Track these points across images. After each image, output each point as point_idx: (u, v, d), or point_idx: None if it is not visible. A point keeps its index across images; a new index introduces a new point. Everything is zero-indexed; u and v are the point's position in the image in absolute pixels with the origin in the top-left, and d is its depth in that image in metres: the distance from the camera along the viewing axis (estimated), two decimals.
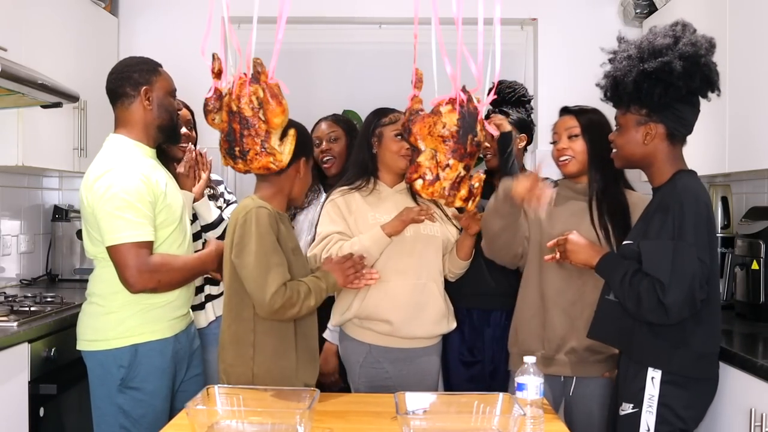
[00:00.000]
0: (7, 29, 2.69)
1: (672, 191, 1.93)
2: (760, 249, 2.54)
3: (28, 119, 2.87)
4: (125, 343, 2.12)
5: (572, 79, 3.70)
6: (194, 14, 3.50)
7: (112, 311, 2.14)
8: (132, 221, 2.04)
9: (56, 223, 3.58)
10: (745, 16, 2.53)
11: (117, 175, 2.07)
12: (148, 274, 2.06)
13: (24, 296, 2.82)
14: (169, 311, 2.19)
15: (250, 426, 1.67)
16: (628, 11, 3.61)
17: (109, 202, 2.05)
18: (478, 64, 1.61)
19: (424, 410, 1.72)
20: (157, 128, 2.23)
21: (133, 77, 2.20)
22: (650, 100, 1.94)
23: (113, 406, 2.13)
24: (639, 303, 1.89)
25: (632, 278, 1.91)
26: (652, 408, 1.91)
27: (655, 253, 1.89)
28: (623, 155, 2.07)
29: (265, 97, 1.81)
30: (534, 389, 1.74)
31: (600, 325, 2.09)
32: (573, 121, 2.35)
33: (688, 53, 1.90)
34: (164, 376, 2.18)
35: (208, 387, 1.77)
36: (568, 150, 2.33)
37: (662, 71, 1.90)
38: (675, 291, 1.83)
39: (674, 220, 1.88)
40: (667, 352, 1.91)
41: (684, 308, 1.85)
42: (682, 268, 1.84)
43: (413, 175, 1.79)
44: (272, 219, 2.01)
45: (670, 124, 1.98)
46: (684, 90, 1.92)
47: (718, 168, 2.69)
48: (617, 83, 1.99)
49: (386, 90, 3.30)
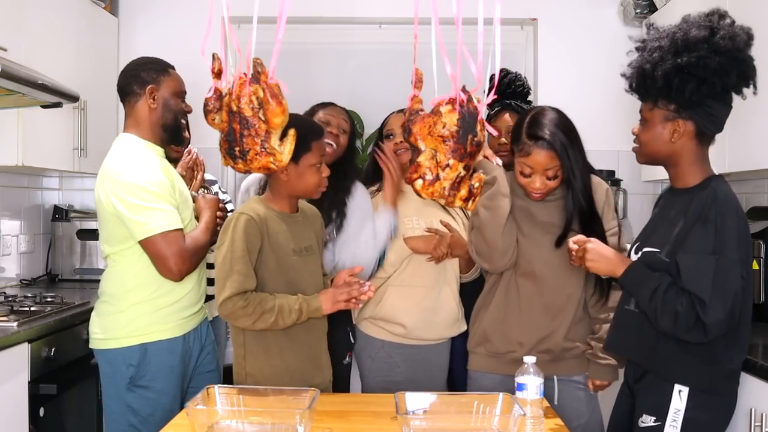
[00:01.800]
0: (7, 29, 2.70)
1: (712, 201, 1.78)
2: (760, 249, 2.54)
3: (28, 119, 2.87)
4: (135, 342, 2.14)
5: (572, 79, 3.71)
6: (194, 14, 3.51)
7: (122, 310, 2.16)
8: (163, 211, 2.08)
9: (56, 223, 3.58)
10: (745, 16, 2.52)
11: (140, 169, 2.10)
12: (189, 258, 2.11)
13: (24, 296, 2.82)
14: (179, 310, 2.21)
15: (250, 426, 1.67)
16: (628, 11, 3.61)
17: (136, 196, 2.07)
18: (478, 64, 1.61)
19: (424, 410, 1.72)
20: (161, 128, 2.24)
21: (140, 76, 2.23)
22: (681, 96, 1.80)
23: (122, 404, 2.15)
24: (676, 321, 1.76)
25: (666, 294, 1.77)
26: (677, 423, 1.80)
27: (695, 268, 1.75)
28: (647, 152, 1.92)
29: (265, 97, 1.81)
30: (534, 389, 1.74)
31: (619, 336, 1.98)
32: (553, 159, 2.10)
33: (726, 48, 1.76)
34: (173, 375, 2.19)
35: (208, 387, 1.77)
36: (544, 188, 2.15)
37: (696, 66, 1.75)
38: (716, 310, 1.71)
39: (716, 233, 1.74)
40: (697, 369, 1.81)
41: (723, 327, 1.74)
42: (724, 286, 1.72)
43: (413, 175, 1.79)
44: (251, 226, 2.01)
45: (700, 122, 1.83)
46: (719, 87, 1.78)
47: (718, 168, 2.67)
48: (645, 76, 1.84)
49: (386, 90, 3.30)
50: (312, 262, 2.15)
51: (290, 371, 2.08)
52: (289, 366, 2.09)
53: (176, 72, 2.31)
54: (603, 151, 3.47)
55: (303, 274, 2.11)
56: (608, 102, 3.55)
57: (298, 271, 2.10)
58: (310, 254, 2.15)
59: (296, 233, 2.12)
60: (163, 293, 2.16)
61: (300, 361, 2.10)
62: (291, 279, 2.09)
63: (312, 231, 2.19)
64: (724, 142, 2.64)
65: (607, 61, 2.13)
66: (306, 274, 2.12)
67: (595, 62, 3.68)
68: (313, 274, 2.15)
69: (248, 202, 2.14)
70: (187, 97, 2.82)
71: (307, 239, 2.15)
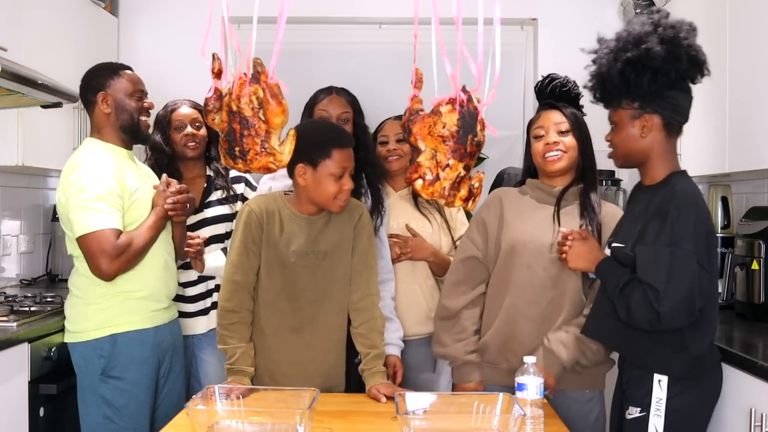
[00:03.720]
0: (7, 29, 2.70)
1: (670, 195, 1.87)
2: (760, 249, 2.54)
3: (28, 119, 2.87)
4: (104, 333, 2.20)
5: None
6: (194, 14, 3.50)
7: (91, 303, 2.21)
8: (100, 212, 2.12)
9: (56, 223, 3.56)
10: (745, 16, 2.53)
11: (86, 170, 2.16)
12: (117, 257, 2.11)
13: (24, 296, 2.82)
14: (148, 303, 2.25)
15: (250, 426, 1.67)
16: (628, 11, 3.61)
17: (79, 195, 2.12)
18: (478, 64, 1.61)
19: (424, 410, 1.72)
20: (120, 130, 2.29)
21: (91, 84, 2.29)
22: (640, 89, 1.88)
23: (96, 396, 2.20)
24: (629, 314, 1.86)
25: (624, 288, 1.86)
26: (660, 411, 1.87)
27: (651, 259, 1.83)
28: (623, 153, 2.00)
29: (265, 97, 1.81)
30: (534, 389, 1.73)
31: (597, 323, 2.02)
32: (560, 116, 2.17)
33: (669, 36, 1.85)
34: (145, 367, 2.24)
35: (208, 387, 1.77)
36: (560, 144, 2.15)
37: (646, 57, 1.84)
38: (671, 299, 1.78)
39: (672, 226, 1.82)
40: (668, 357, 1.88)
41: (680, 316, 1.80)
42: (679, 276, 1.79)
43: (413, 175, 1.79)
44: (251, 218, 2.10)
45: (665, 114, 1.91)
46: (673, 74, 1.86)
47: (718, 168, 2.69)
48: (603, 79, 1.94)
49: (386, 90, 3.30)
50: (321, 268, 2.12)
51: (271, 374, 2.12)
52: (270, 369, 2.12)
53: (130, 72, 2.33)
54: (603, 151, 3.42)
55: (302, 276, 2.11)
56: None
57: (297, 273, 2.10)
58: (322, 258, 2.12)
59: (311, 236, 2.10)
60: (129, 286, 2.21)
61: (286, 366, 2.12)
62: (287, 279, 2.10)
63: (339, 234, 2.14)
64: (724, 142, 2.64)
65: None
66: (306, 278, 2.11)
67: None
68: (317, 280, 2.12)
69: (264, 194, 2.19)
70: (188, 97, 2.83)
71: (326, 243, 2.12)
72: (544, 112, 2.20)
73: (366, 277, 2.19)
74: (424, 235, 2.57)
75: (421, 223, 2.59)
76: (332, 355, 2.18)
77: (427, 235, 2.57)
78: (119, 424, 2.19)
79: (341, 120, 2.46)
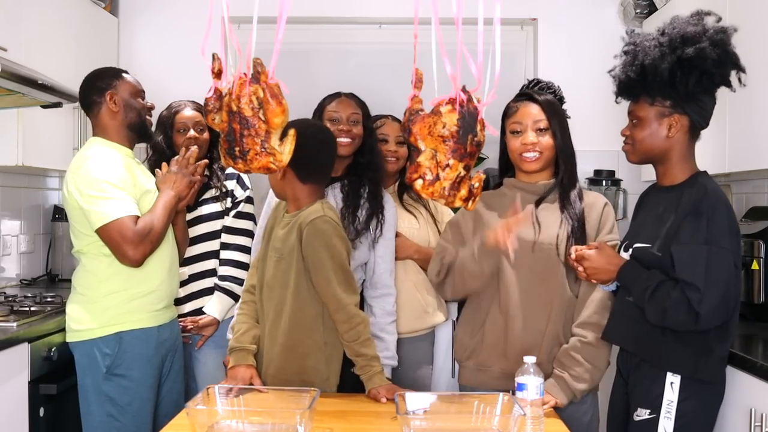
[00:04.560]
0: (7, 29, 2.70)
1: (703, 194, 1.85)
2: (760, 249, 2.55)
3: (28, 119, 2.87)
4: (109, 331, 2.21)
5: (572, 79, 3.70)
6: (194, 14, 3.50)
7: (96, 301, 2.22)
8: (117, 200, 2.15)
9: (56, 223, 3.57)
10: (745, 16, 2.53)
11: (96, 163, 2.19)
12: (141, 242, 2.14)
13: (24, 296, 2.82)
14: (152, 302, 2.27)
15: (250, 426, 1.67)
16: (628, 11, 3.61)
17: (93, 187, 2.15)
18: (478, 64, 1.61)
19: (424, 410, 1.72)
20: (127, 128, 2.32)
21: (96, 85, 2.32)
22: (684, 88, 1.86)
23: (100, 394, 2.20)
24: (664, 317, 1.82)
25: (655, 292, 1.84)
26: (670, 414, 1.85)
27: (689, 258, 1.81)
28: (642, 150, 1.97)
29: (265, 97, 1.81)
30: (534, 389, 1.74)
31: (617, 327, 1.99)
32: (539, 111, 2.11)
33: (721, 40, 1.84)
34: (149, 365, 2.26)
35: (208, 387, 1.77)
36: (537, 145, 2.10)
37: (698, 58, 1.82)
38: (710, 298, 1.76)
39: (708, 224, 1.80)
40: (693, 359, 1.85)
41: (717, 316, 1.79)
42: (717, 275, 1.78)
43: (413, 175, 1.79)
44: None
45: (694, 117, 1.91)
46: (718, 78, 1.86)
47: (718, 168, 2.69)
48: (646, 72, 1.89)
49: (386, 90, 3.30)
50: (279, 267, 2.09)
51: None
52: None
53: (130, 75, 2.39)
54: (603, 151, 3.46)
55: (269, 272, 2.11)
56: (608, 102, 3.50)
57: (269, 268, 2.12)
58: (280, 260, 2.09)
59: (283, 234, 2.10)
60: (135, 283, 2.22)
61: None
62: (263, 273, 2.13)
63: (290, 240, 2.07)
64: (724, 142, 2.64)
65: (607, 61, 2.12)
66: (269, 276, 2.10)
67: (595, 62, 3.67)
68: (277, 279, 2.08)
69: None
70: (188, 97, 2.83)
71: (282, 245, 2.09)
72: (521, 104, 2.15)
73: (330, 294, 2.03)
74: (411, 231, 2.55)
75: (407, 220, 2.58)
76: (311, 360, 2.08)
77: (414, 230, 2.56)
78: (122, 422, 2.19)
79: (351, 121, 2.45)
